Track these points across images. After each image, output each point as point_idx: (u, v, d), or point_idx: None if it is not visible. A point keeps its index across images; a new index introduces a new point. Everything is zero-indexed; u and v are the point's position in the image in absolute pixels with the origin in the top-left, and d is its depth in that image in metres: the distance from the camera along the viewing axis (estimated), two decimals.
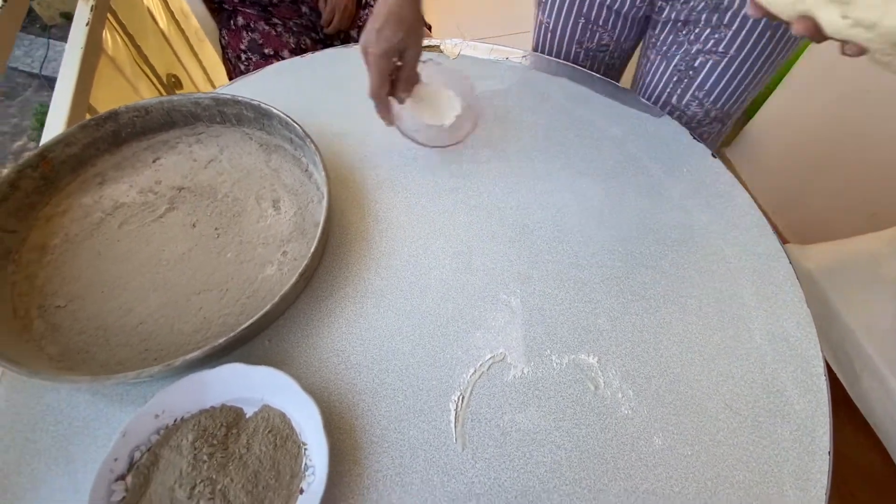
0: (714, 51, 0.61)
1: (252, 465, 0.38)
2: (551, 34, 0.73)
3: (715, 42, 0.61)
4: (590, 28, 0.70)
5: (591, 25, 0.70)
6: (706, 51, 0.62)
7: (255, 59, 0.94)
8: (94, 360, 0.44)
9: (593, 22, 0.69)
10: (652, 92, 0.70)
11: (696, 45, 0.62)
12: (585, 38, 0.72)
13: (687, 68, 0.65)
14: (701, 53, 0.62)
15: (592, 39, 0.72)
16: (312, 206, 0.53)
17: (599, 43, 0.72)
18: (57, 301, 0.46)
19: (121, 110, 0.54)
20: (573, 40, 0.73)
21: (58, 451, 0.40)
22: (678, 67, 0.65)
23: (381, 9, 0.48)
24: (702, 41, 0.62)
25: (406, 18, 0.48)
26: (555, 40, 0.74)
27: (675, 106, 0.69)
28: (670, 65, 0.66)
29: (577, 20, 0.70)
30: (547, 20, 0.73)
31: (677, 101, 0.68)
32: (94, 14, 0.73)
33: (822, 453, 0.43)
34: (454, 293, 0.50)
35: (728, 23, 0.58)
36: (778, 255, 0.53)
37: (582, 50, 0.73)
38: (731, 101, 0.66)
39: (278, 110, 0.54)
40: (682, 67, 0.65)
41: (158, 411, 0.39)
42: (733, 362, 0.47)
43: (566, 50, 0.75)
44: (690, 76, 0.65)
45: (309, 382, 0.44)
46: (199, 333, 0.45)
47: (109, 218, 0.52)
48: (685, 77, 0.65)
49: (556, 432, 0.43)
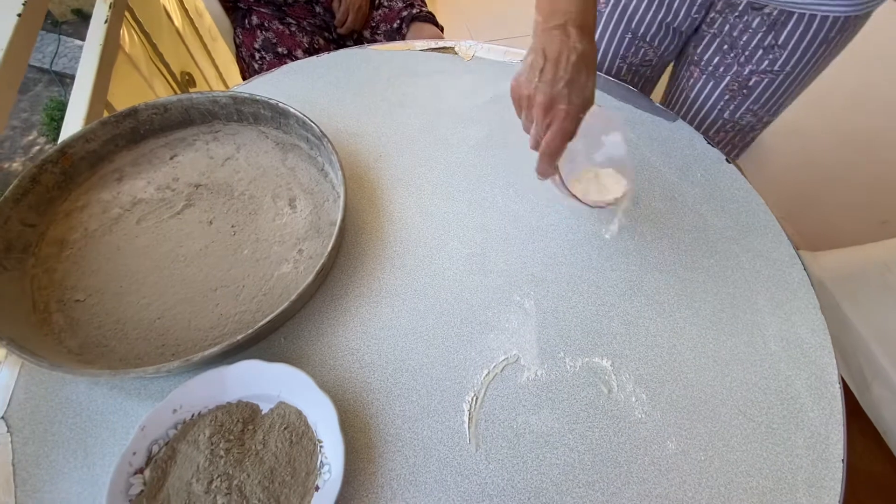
0: (769, 70, 0.61)
1: (268, 461, 0.38)
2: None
3: (770, 62, 0.60)
4: (636, 44, 0.69)
5: (638, 41, 0.69)
6: (760, 70, 0.61)
7: (268, 57, 0.94)
8: (112, 354, 0.44)
9: (640, 38, 0.69)
10: (700, 108, 0.70)
11: (749, 66, 0.62)
12: (630, 53, 0.71)
13: (740, 87, 0.64)
14: (755, 74, 0.62)
15: (637, 55, 0.71)
16: (328, 205, 0.54)
17: (643, 58, 0.71)
18: (76, 295, 0.47)
19: (140, 107, 0.55)
20: (617, 55, 0.72)
21: (76, 443, 0.41)
22: (730, 87, 0.65)
23: (563, 49, 0.40)
24: (754, 62, 0.61)
25: (593, 61, 0.42)
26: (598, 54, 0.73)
27: (728, 119, 0.68)
28: (720, 84, 0.66)
29: (623, 35, 0.69)
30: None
31: (730, 115, 0.68)
32: (113, 12, 0.73)
33: (835, 461, 0.43)
34: (468, 294, 0.50)
35: (783, 43, 0.58)
36: (792, 262, 0.53)
37: (625, 65, 0.73)
38: (785, 106, 0.66)
39: (295, 110, 0.54)
40: (735, 87, 0.64)
41: (176, 406, 0.40)
42: (747, 368, 0.47)
43: (608, 65, 0.74)
44: (744, 94, 0.64)
45: (323, 380, 0.44)
46: (216, 330, 0.46)
47: (128, 214, 0.53)
48: (738, 95, 0.65)
49: (569, 435, 0.43)
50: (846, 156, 1.15)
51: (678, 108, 0.74)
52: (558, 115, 0.41)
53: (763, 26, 0.58)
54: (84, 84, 0.66)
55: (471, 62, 0.70)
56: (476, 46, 0.71)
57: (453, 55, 0.71)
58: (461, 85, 0.67)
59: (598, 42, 0.72)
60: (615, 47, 0.71)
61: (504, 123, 0.63)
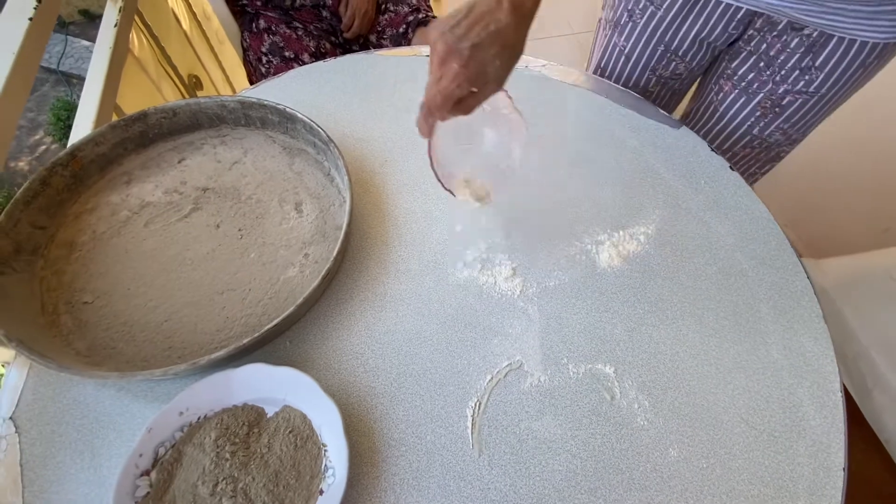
0: (804, 91, 0.60)
1: (273, 464, 0.38)
2: (625, 58, 0.71)
3: (805, 83, 0.59)
4: (667, 56, 0.69)
5: (670, 54, 0.68)
6: (795, 91, 0.60)
7: (275, 61, 0.95)
8: (119, 356, 0.45)
9: (673, 52, 0.68)
10: (729, 123, 0.69)
11: (784, 85, 0.61)
12: (661, 66, 0.70)
13: (773, 105, 0.63)
14: (789, 93, 0.61)
15: (668, 68, 0.70)
16: (334, 209, 0.54)
17: (674, 72, 0.71)
18: (84, 297, 0.47)
19: (149, 111, 0.55)
20: (647, 67, 0.71)
21: (83, 444, 0.41)
22: (762, 104, 0.64)
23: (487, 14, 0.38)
24: (790, 82, 0.60)
25: (511, 43, 0.40)
26: (628, 65, 0.72)
27: (756, 135, 0.68)
28: (752, 100, 0.65)
29: (656, 48, 0.68)
30: (623, 44, 0.71)
31: (759, 132, 0.67)
32: (122, 15, 0.74)
33: (836, 470, 0.43)
34: (472, 299, 0.50)
35: (820, 65, 0.57)
36: (795, 269, 0.54)
37: (655, 77, 0.72)
38: (814, 127, 0.66)
39: (303, 115, 0.55)
40: (768, 105, 0.64)
41: (182, 409, 0.40)
42: (750, 376, 0.47)
43: (638, 76, 0.73)
44: (776, 112, 0.64)
45: (328, 384, 0.44)
46: (222, 333, 0.46)
47: (136, 217, 0.53)
48: (770, 112, 0.64)
49: (571, 441, 0.43)
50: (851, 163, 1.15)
51: (704, 120, 0.73)
52: (448, 72, 0.39)
53: (801, 47, 0.57)
54: (94, 87, 0.67)
55: None
56: None
57: None
58: None
59: (629, 52, 0.71)
60: (646, 59, 0.70)
61: None
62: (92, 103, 0.65)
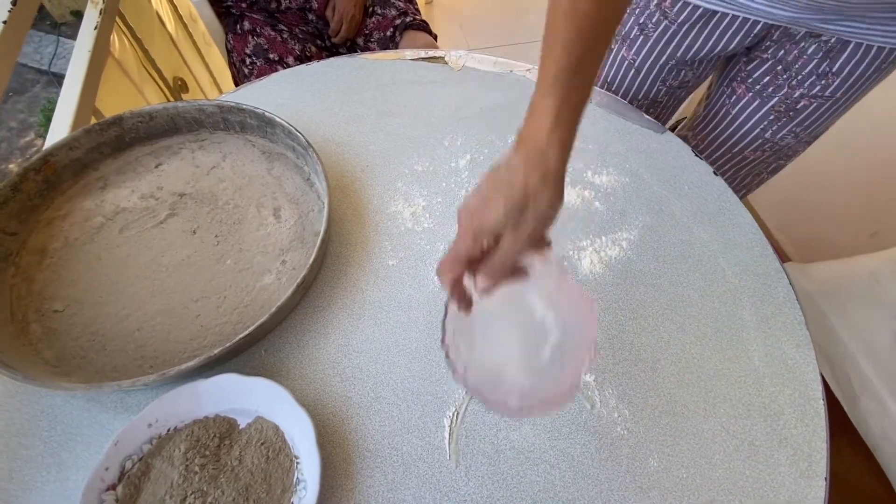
0: (820, 95, 0.60)
1: (244, 477, 0.38)
2: (635, 71, 0.71)
3: (822, 88, 0.59)
4: (678, 68, 0.68)
5: (681, 66, 0.68)
6: (811, 95, 0.60)
7: (259, 63, 0.94)
8: (89, 366, 0.44)
9: (685, 63, 0.67)
10: (742, 125, 0.68)
11: (800, 89, 0.61)
12: (671, 77, 0.70)
13: (787, 109, 0.63)
14: (805, 97, 0.61)
15: (677, 78, 0.70)
16: (313, 215, 0.54)
17: (683, 80, 0.70)
18: (54, 305, 0.46)
19: (125, 115, 0.54)
20: (658, 79, 0.70)
21: (50, 457, 0.40)
22: (776, 108, 0.64)
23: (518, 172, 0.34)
24: (806, 87, 0.60)
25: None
26: (638, 77, 0.71)
27: (768, 139, 0.67)
28: (767, 104, 0.64)
29: (668, 60, 0.67)
30: (633, 57, 0.70)
31: (771, 136, 0.67)
32: (103, 17, 0.73)
33: (818, 479, 0.42)
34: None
35: (837, 71, 0.57)
36: (778, 276, 0.53)
37: (664, 87, 0.72)
38: (824, 130, 0.65)
39: (281, 119, 0.54)
40: (782, 109, 0.63)
41: (152, 420, 0.39)
42: (731, 384, 0.46)
43: (648, 88, 0.72)
44: (790, 116, 0.64)
45: (303, 394, 0.43)
46: (196, 341, 0.45)
47: (110, 223, 0.52)
48: (784, 116, 0.64)
49: (550, 451, 0.42)
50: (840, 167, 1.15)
51: (715, 123, 0.72)
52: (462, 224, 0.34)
53: (819, 53, 0.57)
54: (71, 91, 0.66)
55: (460, 72, 0.70)
56: (466, 56, 0.72)
57: (443, 65, 0.71)
58: (451, 95, 0.67)
59: (640, 66, 0.70)
60: (657, 71, 0.70)
61: (492, 134, 0.63)
62: (69, 107, 0.64)
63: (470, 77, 0.69)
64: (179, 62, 1.00)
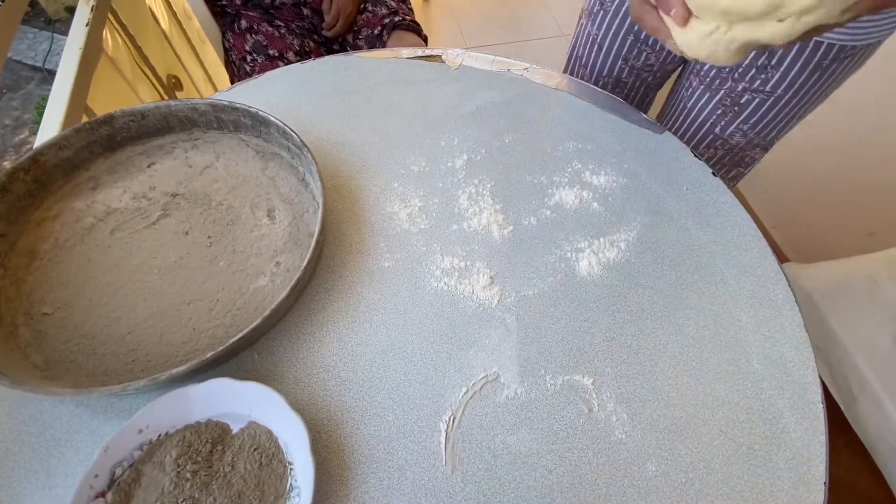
0: (761, 90, 0.61)
1: (236, 484, 0.37)
2: (598, 47, 0.72)
3: (762, 82, 0.60)
4: (638, 46, 0.69)
5: (640, 44, 0.69)
6: (753, 89, 0.61)
7: (260, 59, 0.93)
8: (79, 370, 0.43)
9: (642, 41, 0.69)
10: (695, 119, 0.70)
11: (742, 83, 0.62)
12: (632, 56, 0.71)
13: (732, 103, 0.64)
14: (747, 91, 0.62)
15: (639, 58, 0.71)
16: (308, 216, 0.53)
17: (646, 62, 0.72)
18: (44, 308, 0.46)
19: (116, 114, 0.54)
20: (619, 56, 0.72)
21: (38, 463, 0.39)
22: (723, 101, 0.65)
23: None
24: (747, 80, 0.61)
25: None
26: (601, 53, 0.73)
27: (718, 135, 0.68)
28: (714, 97, 0.66)
29: (626, 36, 0.69)
30: (596, 32, 0.72)
31: (721, 131, 0.68)
32: (95, 14, 0.72)
33: (817, 483, 0.42)
34: (449, 309, 0.49)
35: (776, 64, 0.58)
36: (777, 277, 0.53)
37: (627, 66, 0.73)
38: (776, 132, 0.66)
39: (276, 118, 0.53)
40: (728, 102, 0.64)
41: (142, 426, 0.38)
42: (730, 387, 0.46)
43: (611, 65, 0.73)
44: (735, 111, 0.65)
45: (297, 399, 0.43)
46: (188, 345, 0.45)
47: (101, 223, 0.51)
48: (730, 111, 0.65)
49: (547, 456, 0.42)
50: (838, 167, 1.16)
51: (675, 117, 0.74)
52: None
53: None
54: (63, 88, 0.65)
55: (457, 71, 0.69)
56: (463, 55, 0.71)
57: (440, 63, 0.70)
58: (448, 94, 0.66)
59: (601, 41, 0.72)
60: (617, 48, 0.71)
61: (489, 134, 0.62)
62: (60, 105, 0.63)
63: (467, 76, 0.69)
64: (173, 60, 0.99)
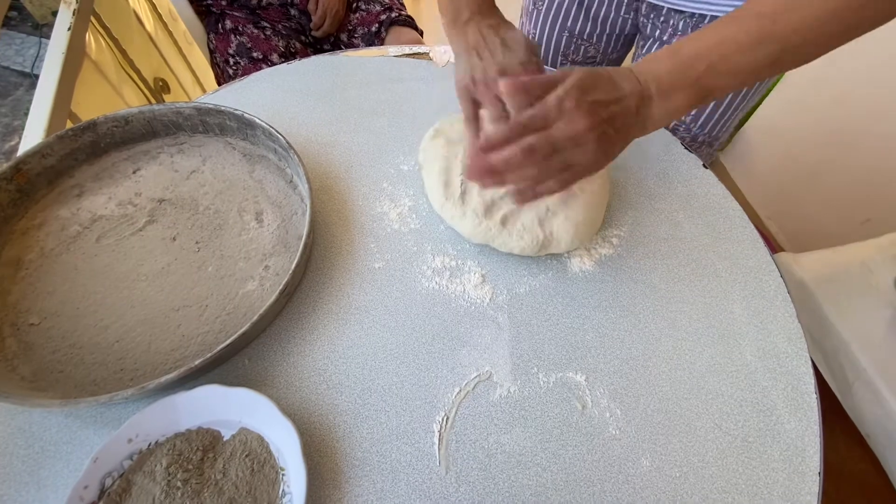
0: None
1: (228, 491, 0.37)
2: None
3: None
4: (574, 42, 0.71)
5: (577, 39, 0.70)
6: None
7: (243, 62, 0.92)
8: (68, 380, 0.42)
9: (577, 35, 0.70)
10: None
11: None
12: (570, 51, 0.72)
13: None
14: None
15: (578, 52, 0.72)
16: (296, 218, 0.52)
17: (586, 55, 0.73)
18: (30, 319, 0.45)
19: (99, 120, 0.53)
20: (559, 52, 0.73)
21: (28, 475, 0.39)
22: None
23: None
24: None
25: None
26: (540, 51, 0.73)
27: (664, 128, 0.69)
28: None
29: (561, 33, 0.70)
30: (533, 31, 0.73)
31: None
32: (77, 18, 0.71)
33: (812, 474, 0.42)
34: (440, 308, 0.49)
35: None
36: (769, 269, 0.53)
37: (568, 62, 0.74)
38: (718, 127, 0.67)
39: (261, 120, 0.53)
40: None
41: (132, 435, 0.38)
42: (723, 380, 0.46)
43: (552, 62, 0.75)
44: None
45: (289, 403, 0.43)
46: (178, 352, 0.44)
47: (87, 231, 0.51)
48: None
49: (541, 454, 0.42)
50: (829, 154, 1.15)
51: None
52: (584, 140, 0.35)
53: (688, 28, 0.59)
54: (46, 94, 0.64)
55: (445, 68, 0.68)
56: (450, 52, 0.70)
57: (428, 61, 0.70)
58: (436, 91, 0.66)
59: (538, 39, 0.73)
60: (555, 45, 0.73)
61: None
62: (43, 111, 0.62)
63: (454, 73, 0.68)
64: (160, 62, 0.98)
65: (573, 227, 0.48)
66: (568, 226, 0.48)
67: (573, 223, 0.48)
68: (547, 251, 0.49)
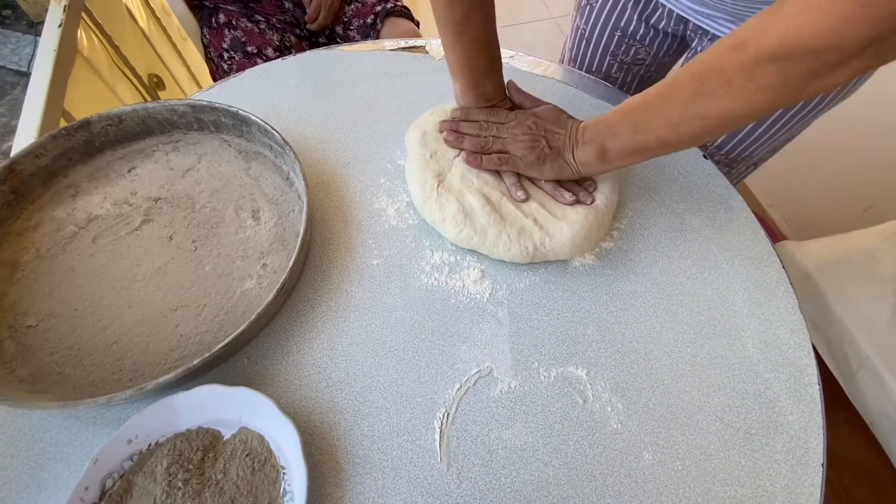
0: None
1: (229, 491, 0.37)
2: (586, 42, 0.71)
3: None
4: (626, 41, 0.68)
5: (628, 39, 0.68)
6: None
7: (238, 57, 0.91)
8: (67, 382, 0.42)
9: (630, 36, 0.67)
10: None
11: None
12: (620, 51, 0.70)
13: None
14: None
15: (628, 53, 0.70)
16: (294, 215, 0.52)
17: (636, 57, 0.70)
18: (28, 320, 0.45)
19: (93, 119, 0.52)
20: (608, 51, 0.71)
21: (29, 478, 0.39)
22: None
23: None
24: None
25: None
26: (588, 48, 0.72)
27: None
28: None
29: (613, 32, 0.68)
30: (584, 26, 0.71)
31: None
32: (68, 15, 0.70)
33: (815, 465, 0.42)
34: (440, 304, 0.48)
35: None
36: (770, 260, 0.52)
37: (616, 62, 0.72)
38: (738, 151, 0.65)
39: (257, 116, 0.52)
40: None
41: (132, 436, 0.38)
42: (725, 372, 0.46)
43: (599, 60, 0.73)
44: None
45: (288, 402, 0.42)
46: (176, 352, 0.44)
47: (83, 231, 0.50)
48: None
49: (543, 449, 0.42)
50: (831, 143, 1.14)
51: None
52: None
53: None
54: (38, 93, 0.63)
55: (441, 61, 0.67)
56: None
57: (424, 54, 0.69)
58: (433, 85, 0.65)
59: (589, 36, 0.71)
60: (605, 43, 0.70)
61: None
62: (36, 111, 0.61)
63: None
64: (154, 59, 0.97)
65: (568, 240, 0.48)
66: (562, 238, 0.48)
67: (568, 236, 0.48)
68: (543, 259, 0.49)
